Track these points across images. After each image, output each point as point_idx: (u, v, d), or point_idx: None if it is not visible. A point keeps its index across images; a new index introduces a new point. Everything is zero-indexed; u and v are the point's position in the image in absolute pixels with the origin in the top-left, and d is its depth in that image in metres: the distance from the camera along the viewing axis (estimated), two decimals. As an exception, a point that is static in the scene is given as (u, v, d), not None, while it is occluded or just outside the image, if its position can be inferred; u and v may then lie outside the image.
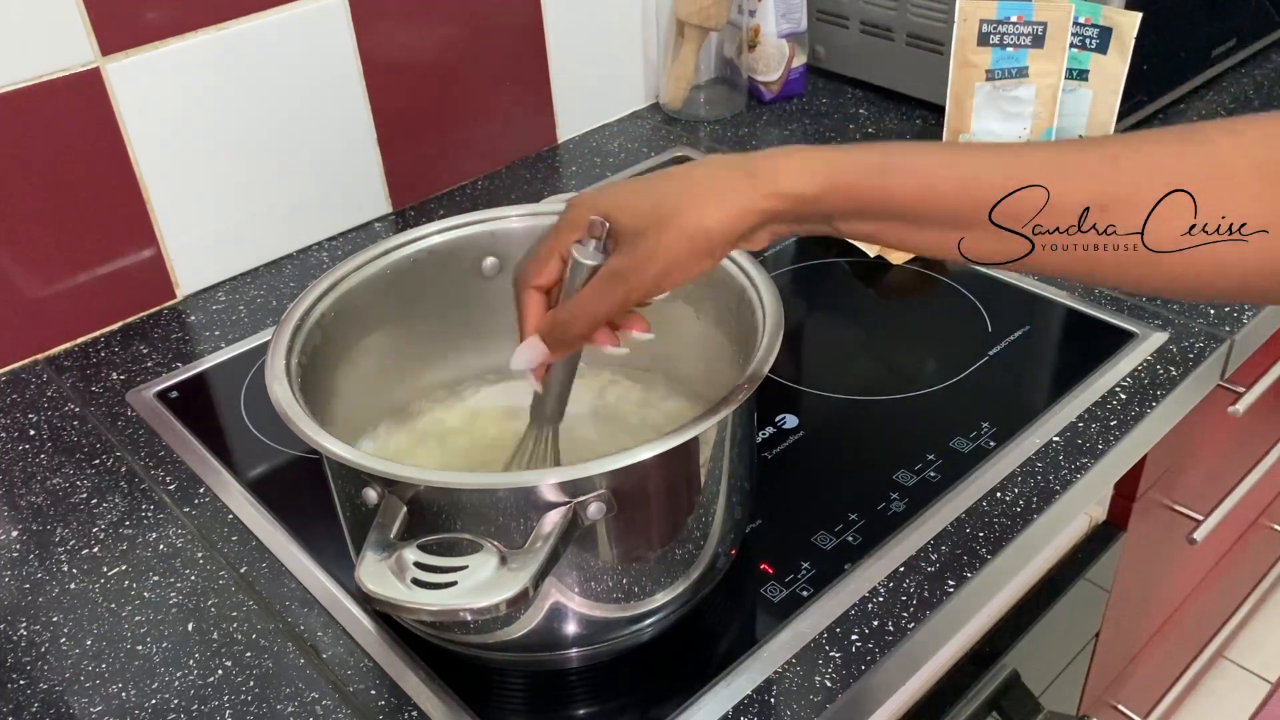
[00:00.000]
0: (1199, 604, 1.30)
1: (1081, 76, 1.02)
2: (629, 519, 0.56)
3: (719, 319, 0.67)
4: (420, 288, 0.71)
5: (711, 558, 0.62)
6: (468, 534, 0.53)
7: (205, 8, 0.89)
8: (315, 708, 0.61)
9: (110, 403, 0.85)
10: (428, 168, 1.10)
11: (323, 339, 0.64)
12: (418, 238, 0.70)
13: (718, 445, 0.59)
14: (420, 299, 0.71)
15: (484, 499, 0.53)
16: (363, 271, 0.68)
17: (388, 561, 0.51)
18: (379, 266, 0.68)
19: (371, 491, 0.54)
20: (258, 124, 0.96)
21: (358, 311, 0.67)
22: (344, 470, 0.56)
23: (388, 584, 0.50)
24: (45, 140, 0.85)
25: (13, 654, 0.66)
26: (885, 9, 1.18)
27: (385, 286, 0.69)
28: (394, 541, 0.52)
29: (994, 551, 0.68)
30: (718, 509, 0.61)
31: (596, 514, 0.53)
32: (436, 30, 1.04)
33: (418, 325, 0.72)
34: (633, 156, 1.16)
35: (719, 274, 0.65)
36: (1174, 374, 0.81)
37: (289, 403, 0.57)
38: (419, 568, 0.51)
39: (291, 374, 0.60)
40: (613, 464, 0.53)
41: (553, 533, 0.52)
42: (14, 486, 0.78)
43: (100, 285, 0.92)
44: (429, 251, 0.70)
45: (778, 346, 0.59)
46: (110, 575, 0.70)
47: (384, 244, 0.69)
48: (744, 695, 0.60)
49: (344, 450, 0.54)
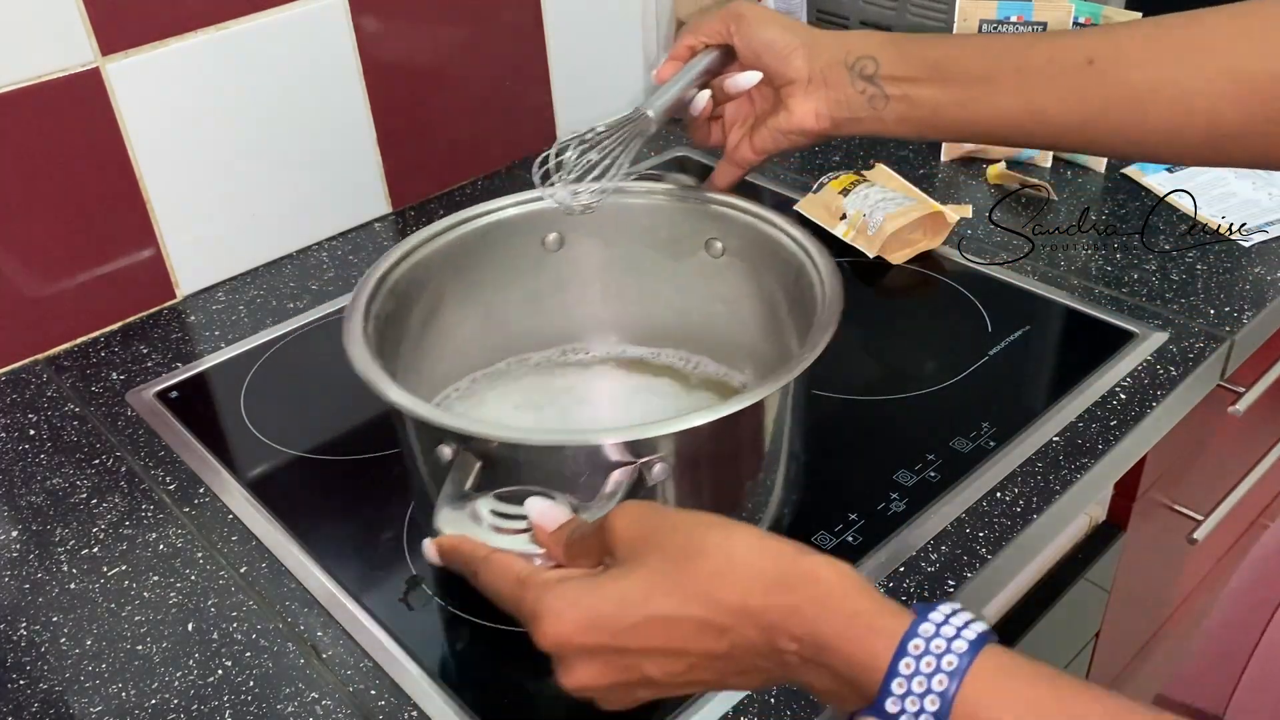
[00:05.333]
0: (1199, 604, 1.30)
1: (1081, 76, 1.02)
2: (691, 481, 0.58)
3: (775, 296, 0.70)
4: (488, 259, 0.74)
5: (771, 525, 0.64)
6: (539, 487, 0.54)
7: (205, 8, 0.89)
8: (315, 708, 0.61)
9: (110, 403, 0.85)
10: (428, 168, 1.10)
11: (395, 305, 0.68)
12: (486, 211, 0.74)
13: (779, 413, 0.61)
14: (487, 269, 0.74)
15: (553, 455, 0.56)
16: (433, 243, 0.71)
17: (463, 511, 0.53)
18: (450, 238, 0.72)
19: (445, 448, 0.57)
20: (257, 124, 0.96)
21: (428, 280, 0.71)
22: (419, 427, 0.59)
23: (465, 529, 0.52)
24: (45, 140, 0.85)
25: (13, 654, 0.66)
26: (885, 9, 1.18)
27: (455, 257, 0.72)
28: (469, 493, 0.54)
29: (994, 551, 0.68)
30: (776, 477, 0.63)
31: (660, 475, 0.56)
32: (436, 30, 1.04)
33: (484, 294, 0.75)
34: (633, 156, 1.16)
35: (779, 251, 0.69)
36: (1174, 374, 0.81)
37: (366, 363, 0.60)
38: (495, 515, 0.53)
39: (368, 336, 0.63)
40: (677, 426, 0.55)
41: (618, 491, 0.54)
42: (14, 486, 0.78)
43: (100, 285, 0.92)
44: (496, 225, 0.74)
45: (837, 318, 0.61)
46: (110, 575, 0.70)
47: (455, 216, 0.73)
48: (744, 695, 0.60)
49: (420, 407, 0.57)
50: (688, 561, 0.44)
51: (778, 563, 0.43)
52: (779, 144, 0.71)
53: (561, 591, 0.45)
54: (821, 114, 0.69)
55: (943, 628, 0.39)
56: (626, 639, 0.44)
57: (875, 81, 0.67)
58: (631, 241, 0.76)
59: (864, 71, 0.67)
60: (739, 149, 0.73)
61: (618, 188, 0.72)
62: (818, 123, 0.69)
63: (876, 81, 0.67)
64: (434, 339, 0.72)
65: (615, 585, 0.45)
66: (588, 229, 0.76)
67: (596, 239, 0.77)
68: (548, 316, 0.78)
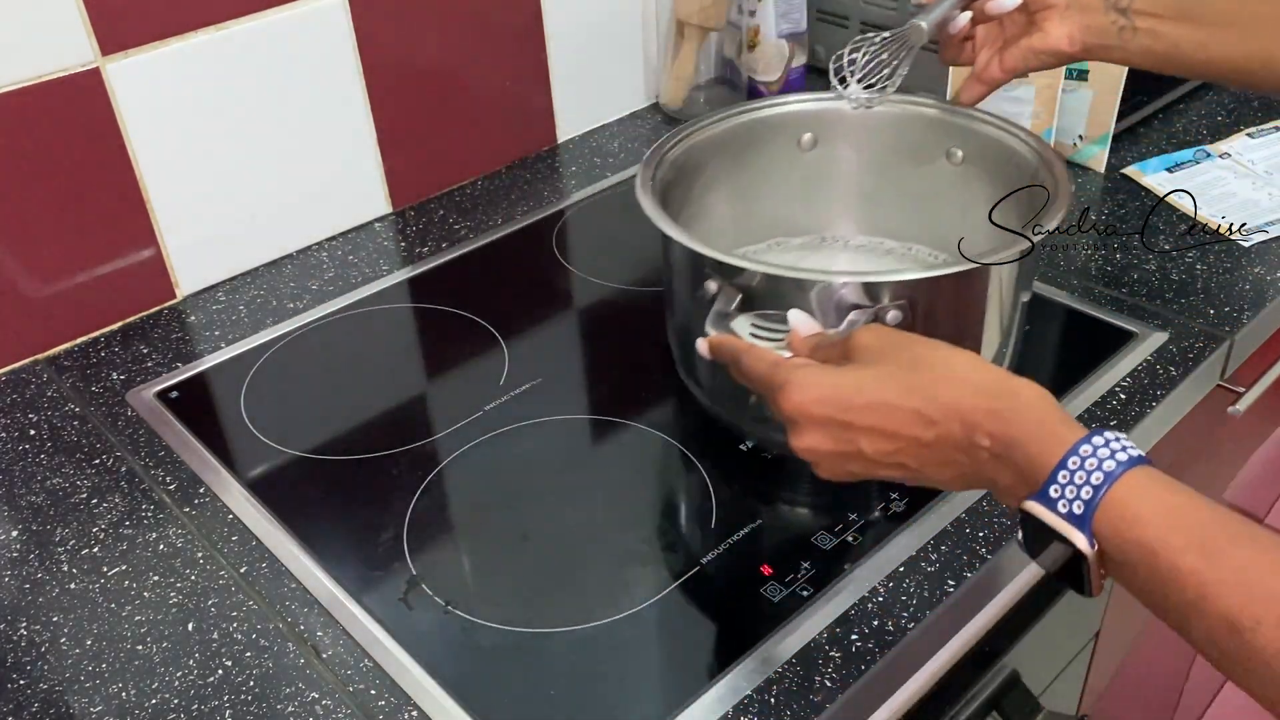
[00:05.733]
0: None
1: (1081, 76, 1.02)
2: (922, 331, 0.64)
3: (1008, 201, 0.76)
4: (750, 150, 0.85)
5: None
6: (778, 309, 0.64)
7: (205, 8, 0.89)
8: (315, 708, 0.61)
9: (110, 403, 0.85)
10: (428, 168, 1.10)
11: (673, 176, 0.78)
12: (753, 108, 0.84)
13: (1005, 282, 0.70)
14: (749, 159, 0.85)
15: (803, 292, 0.65)
16: (706, 130, 0.82)
17: (725, 326, 0.64)
18: (721, 128, 0.83)
19: (712, 283, 0.67)
20: (258, 124, 0.96)
21: (704, 160, 0.82)
22: (691, 261, 0.70)
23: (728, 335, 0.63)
24: (45, 140, 0.85)
25: (13, 654, 0.66)
26: (885, 9, 1.18)
27: (726, 144, 0.83)
28: (731, 313, 0.65)
29: (994, 551, 0.68)
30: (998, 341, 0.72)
31: (893, 320, 0.65)
32: (436, 30, 1.04)
33: (744, 180, 0.86)
34: (633, 157, 1.16)
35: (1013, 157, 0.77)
36: (1174, 374, 0.81)
37: (652, 207, 0.71)
38: (754, 327, 0.65)
39: (654, 190, 0.74)
40: (914, 274, 0.65)
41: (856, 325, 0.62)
42: (14, 486, 0.78)
43: (100, 285, 0.92)
44: (760, 121, 0.84)
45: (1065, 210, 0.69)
46: (110, 575, 0.70)
47: (726, 110, 0.83)
48: (744, 695, 0.60)
49: (696, 244, 0.67)
50: (915, 366, 0.53)
51: (988, 376, 0.52)
52: (1029, 63, 0.76)
53: (808, 371, 0.55)
54: (1075, 38, 0.74)
55: (1109, 444, 0.46)
56: (851, 415, 0.52)
57: (1127, 14, 0.72)
58: (878, 146, 0.85)
59: (1118, 4, 0.72)
60: (989, 68, 0.78)
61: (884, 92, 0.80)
62: (1070, 46, 0.74)
63: (1128, 14, 0.72)
64: (705, 213, 0.83)
65: (853, 373, 0.54)
66: (839, 133, 0.85)
67: (847, 142, 0.86)
68: (803, 206, 0.88)
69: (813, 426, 0.53)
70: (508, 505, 0.74)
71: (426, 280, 0.99)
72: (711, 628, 0.65)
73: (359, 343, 0.92)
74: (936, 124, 0.82)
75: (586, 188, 1.11)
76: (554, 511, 0.73)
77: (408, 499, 0.74)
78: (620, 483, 0.76)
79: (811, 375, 0.54)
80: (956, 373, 0.52)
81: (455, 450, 0.78)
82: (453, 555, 0.71)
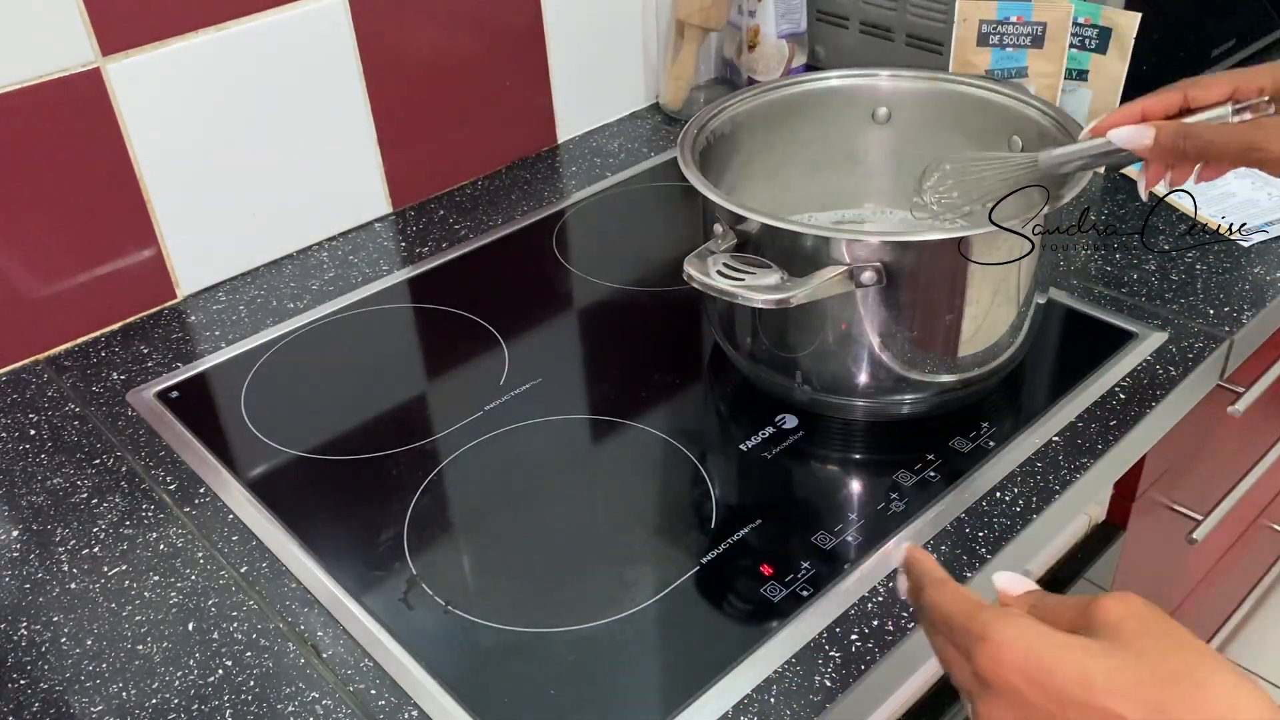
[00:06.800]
0: (1199, 604, 1.30)
1: (1081, 77, 1.02)
2: (895, 296, 0.69)
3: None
4: (808, 120, 0.89)
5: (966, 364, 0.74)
6: (764, 258, 0.70)
7: (205, 8, 0.90)
8: (315, 708, 0.61)
9: (110, 403, 0.85)
10: (428, 168, 1.10)
11: (708, 144, 0.82)
12: (820, 78, 0.88)
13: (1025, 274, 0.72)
14: (804, 129, 0.89)
15: (787, 239, 0.70)
16: (750, 100, 0.86)
17: (704, 261, 0.70)
18: (773, 96, 0.87)
19: (719, 225, 0.72)
20: (258, 124, 0.96)
21: (753, 128, 0.87)
22: (707, 206, 0.74)
23: (700, 270, 0.69)
24: (45, 140, 0.85)
25: (13, 654, 0.66)
26: (885, 9, 1.18)
27: (775, 115, 0.88)
28: (714, 251, 0.71)
29: (994, 551, 0.68)
30: (977, 317, 0.72)
31: (869, 281, 0.68)
32: (436, 30, 1.04)
33: (797, 150, 0.90)
34: (633, 157, 1.16)
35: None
36: (1173, 374, 0.81)
37: (686, 162, 0.76)
38: (726, 266, 0.69)
39: (694, 151, 0.78)
40: (891, 237, 0.68)
41: (825, 279, 0.67)
42: (14, 486, 0.78)
43: (100, 285, 0.92)
44: (828, 89, 0.88)
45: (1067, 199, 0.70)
46: (110, 575, 0.71)
47: (786, 79, 0.88)
48: (744, 695, 0.60)
49: (708, 190, 0.73)
50: (1174, 680, 0.39)
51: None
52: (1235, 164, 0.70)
53: (1024, 626, 0.42)
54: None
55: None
56: (1063, 713, 0.40)
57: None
58: (946, 126, 0.87)
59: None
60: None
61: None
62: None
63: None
64: (751, 180, 0.88)
65: (1083, 654, 0.40)
66: (911, 109, 0.88)
67: (916, 120, 0.89)
68: (861, 179, 0.91)
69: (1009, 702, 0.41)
70: (508, 505, 0.74)
71: (426, 280, 0.99)
72: (711, 628, 0.65)
73: (359, 343, 0.92)
74: (1002, 110, 0.84)
75: (586, 188, 1.11)
76: (554, 511, 0.73)
77: (408, 499, 0.74)
78: (620, 483, 0.76)
79: (1027, 634, 0.41)
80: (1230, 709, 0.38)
81: (455, 450, 0.78)
82: (453, 555, 0.71)
